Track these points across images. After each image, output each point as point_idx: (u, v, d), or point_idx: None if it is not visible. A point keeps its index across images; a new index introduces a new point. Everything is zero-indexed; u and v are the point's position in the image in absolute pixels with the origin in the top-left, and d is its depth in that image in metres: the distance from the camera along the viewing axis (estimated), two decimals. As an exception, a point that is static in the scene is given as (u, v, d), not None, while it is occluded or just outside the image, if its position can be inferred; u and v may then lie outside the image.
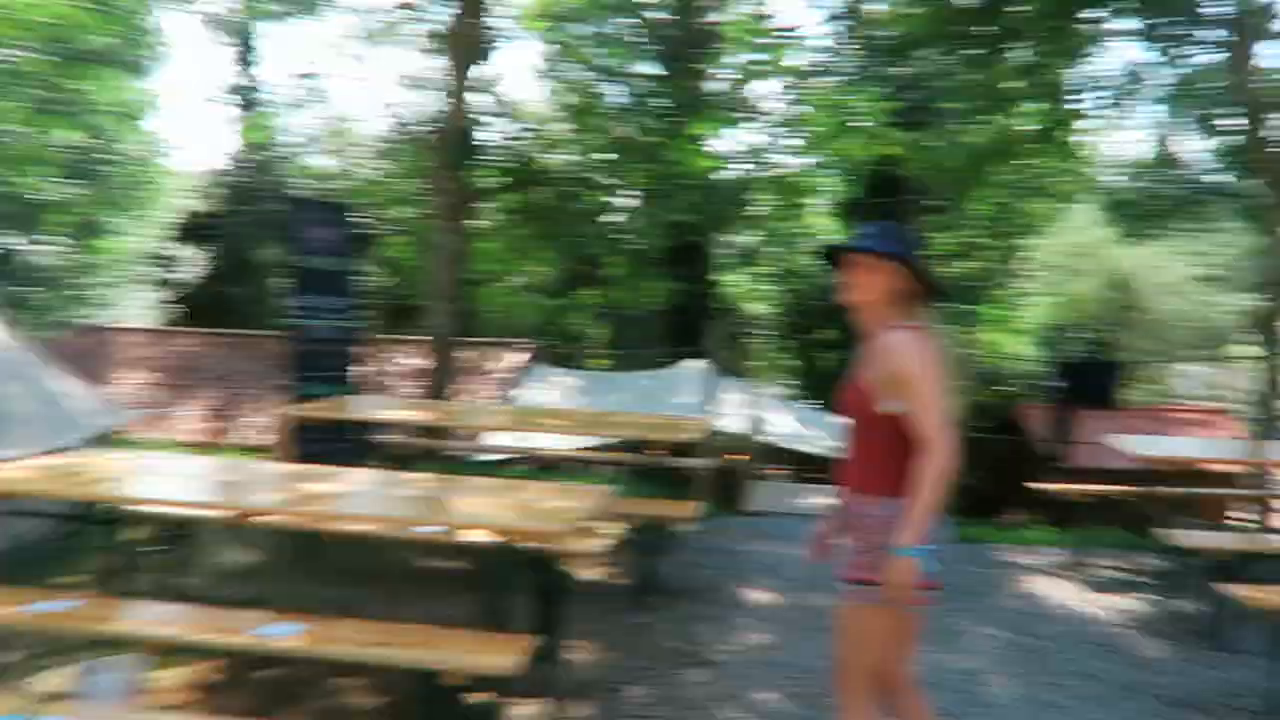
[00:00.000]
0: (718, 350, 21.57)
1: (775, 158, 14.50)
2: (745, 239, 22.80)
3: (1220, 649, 5.02)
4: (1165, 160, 9.74)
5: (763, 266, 22.79)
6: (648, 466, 6.25)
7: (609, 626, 5.26)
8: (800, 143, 12.93)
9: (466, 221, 9.19)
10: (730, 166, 12.51)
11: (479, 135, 9.10)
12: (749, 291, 22.38)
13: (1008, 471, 18.94)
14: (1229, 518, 7.77)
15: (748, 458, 14.87)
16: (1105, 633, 5.31)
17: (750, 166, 12.50)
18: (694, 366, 17.02)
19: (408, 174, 9.98)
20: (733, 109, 11.57)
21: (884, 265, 2.77)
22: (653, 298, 13.42)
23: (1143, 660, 4.95)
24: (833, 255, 2.97)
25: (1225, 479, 7.63)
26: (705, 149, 10.41)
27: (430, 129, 8.91)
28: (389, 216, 12.63)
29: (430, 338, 9.77)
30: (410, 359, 17.45)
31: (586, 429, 6.33)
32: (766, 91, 13.02)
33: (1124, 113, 9.91)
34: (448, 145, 8.53)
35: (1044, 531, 7.49)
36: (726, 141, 13.17)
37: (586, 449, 8.48)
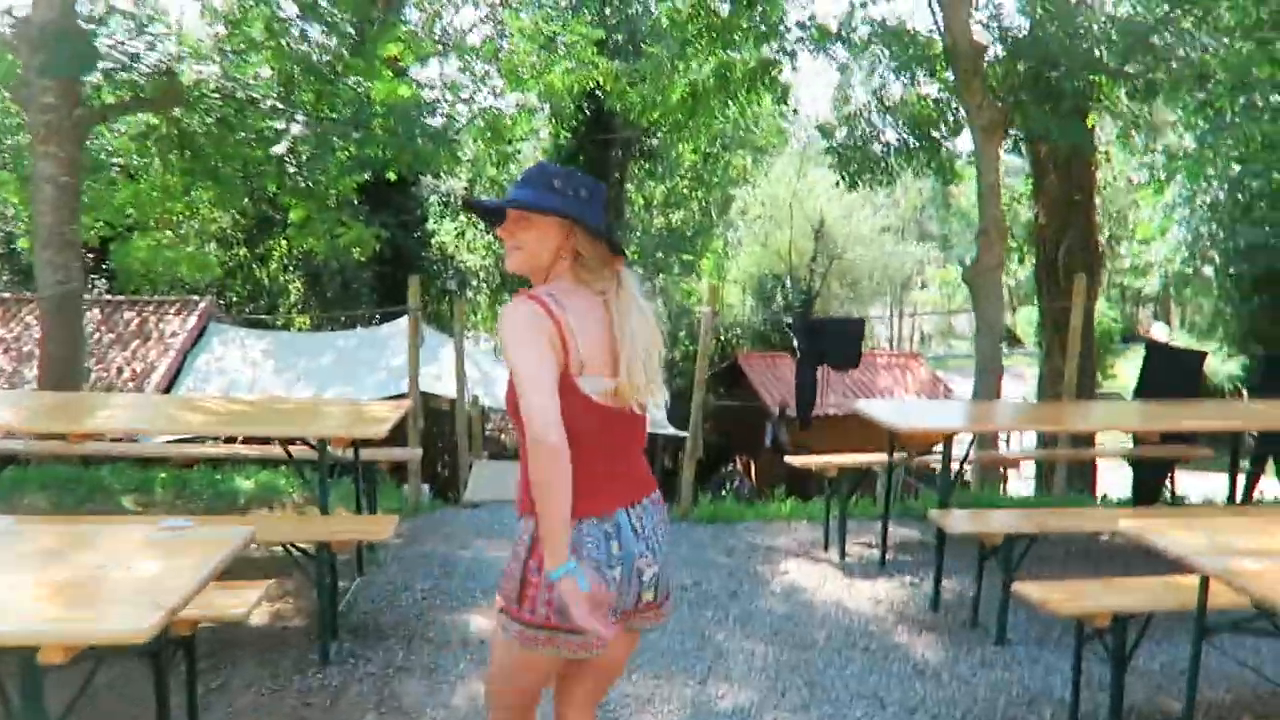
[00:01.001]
0: (430, 306, 19.82)
1: (479, 94, 12.98)
2: (454, 184, 21.08)
3: (1001, 642, 4.39)
4: (879, 108, 9.28)
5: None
6: (335, 461, 4.71)
7: (278, 700, 3.77)
8: (504, 79, 11.46)
9: (79, 149, 6.91)
10: (430, 101, 10.82)
11: (94, 38, 6.82)
12: (463, 241, 20.68)
13: (741, 431, 18.57)
14: (966, 481, 7.50)
15: (470, 426, 13.50)
16: (878, 634, 4.53)
17: (451, 101, 10.90)
18: (404, 325, 15.31)
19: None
20: (427, 34, 9.86)
21: (541, 222, 2.13)
22: (353, 247, 11.55)
23: (924, 667, 4.19)
24: (487, 213, 2.37)
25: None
26: (396, 75, 8.71)
27: (22, 26, 6.53)
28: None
29: (40, 299, 7.41)
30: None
31: (239, 424, 4.67)
32: (466, 22, 11.39)
33: (835, 55, 9.34)
34: (48, 47, 6.26)
35: (791, 505, 6.77)
36: (427, 73, 11.48)
37: (255, 441, 6.68)
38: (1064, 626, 4.39)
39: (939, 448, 5.18)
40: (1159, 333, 22.19)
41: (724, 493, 18.34)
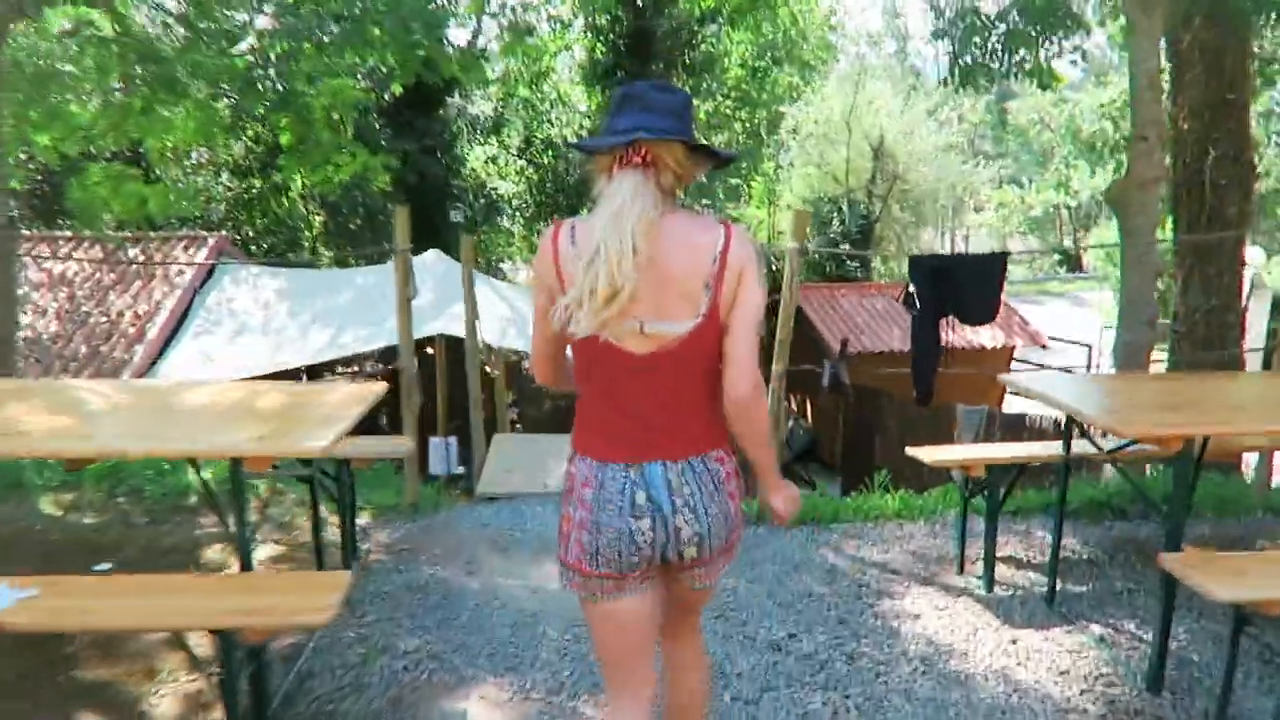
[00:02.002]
0: (459, 237, 18.21)
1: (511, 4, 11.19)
2: (485, 106, 19.25)
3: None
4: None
5: (509, 138, 19.29)
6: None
7: None
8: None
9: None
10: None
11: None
12: (494, 166, 18.85)
13: (796, 369, 16.55)
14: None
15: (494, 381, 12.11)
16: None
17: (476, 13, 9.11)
18: (429, 260, 13.72)
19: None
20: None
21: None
22: (365, 174, 9.99)
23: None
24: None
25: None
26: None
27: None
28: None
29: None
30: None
31: (108, 429, 3.09)
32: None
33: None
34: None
35: (900, 499, 5.11)
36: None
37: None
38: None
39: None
40: None
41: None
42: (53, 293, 12.07)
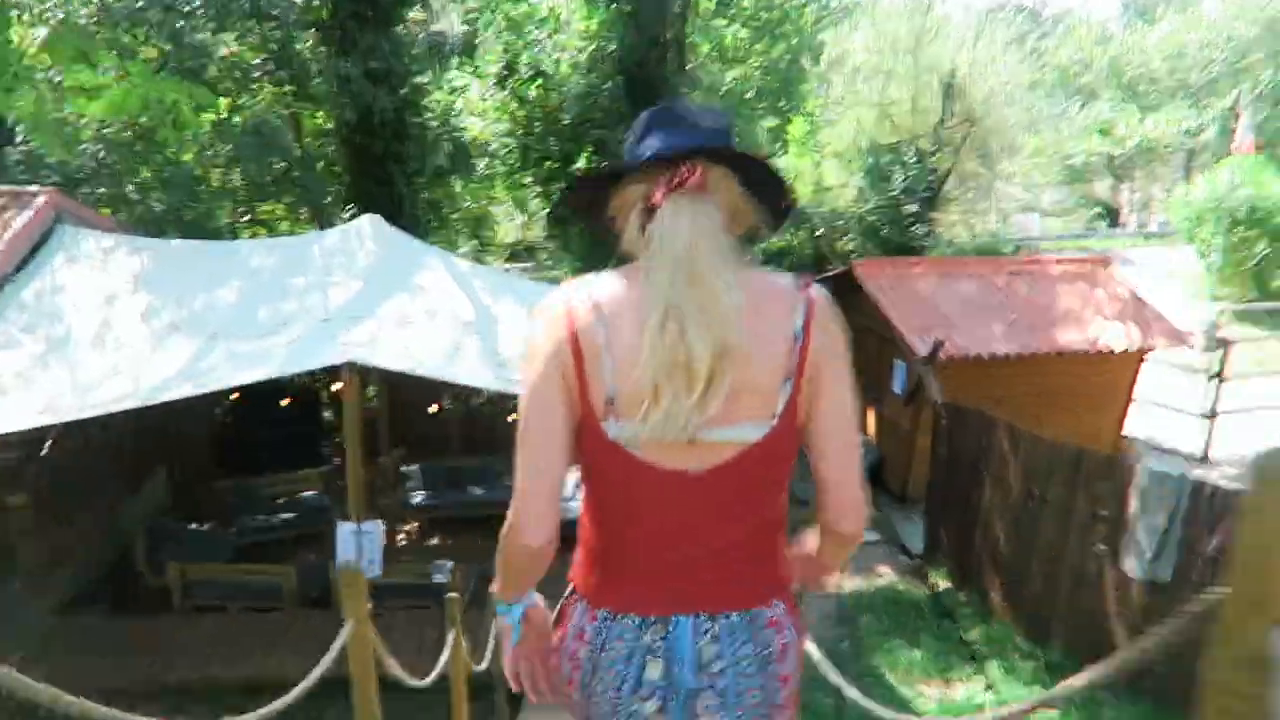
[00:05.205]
0: (415, 193, 13.61)
1: None
2: (454, 24, 14.52)
3: None
4: None
5: (488, 61, 14.60)
6: None
7: None
8: None
9: None
10: None
11: None
12: (461, 97, 14.16)
13: (857, 366, 9.19)
14: None
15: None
16: None
17: None
18: (364, 228, 9.19)
19: None
20: None
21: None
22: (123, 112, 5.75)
23: None
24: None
25: None
26: None
27: None
28: None
29: None
30: None
31: None
32: None
33: None
34: None
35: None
36: None
37: None
38: None
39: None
40: None
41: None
42: None
